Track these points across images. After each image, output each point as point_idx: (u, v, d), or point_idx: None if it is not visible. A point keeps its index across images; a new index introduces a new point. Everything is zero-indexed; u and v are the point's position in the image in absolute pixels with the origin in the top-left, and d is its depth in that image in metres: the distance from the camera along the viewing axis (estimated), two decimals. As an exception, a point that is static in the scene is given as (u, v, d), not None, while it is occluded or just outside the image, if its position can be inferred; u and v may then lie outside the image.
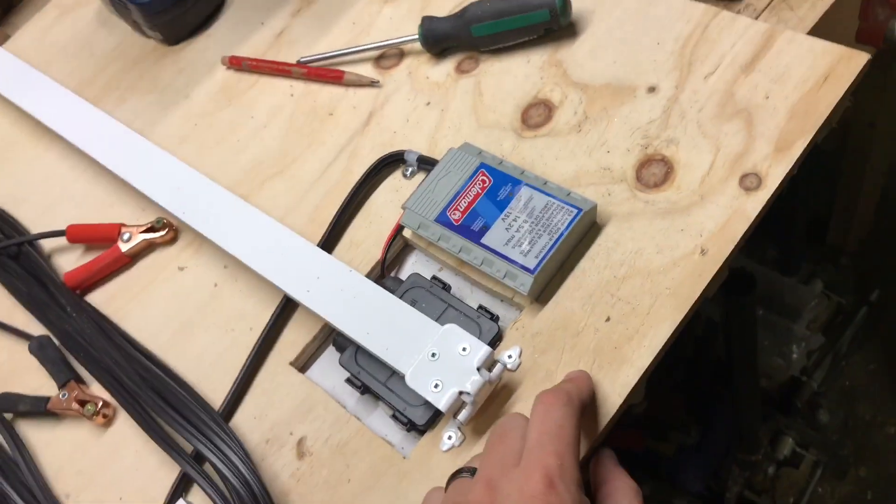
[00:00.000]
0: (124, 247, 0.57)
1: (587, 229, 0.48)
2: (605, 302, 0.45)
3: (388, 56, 0.60)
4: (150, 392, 0.49)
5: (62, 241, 0.59)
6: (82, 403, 0.51)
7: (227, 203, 0.54)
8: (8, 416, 0.54)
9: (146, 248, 0.57)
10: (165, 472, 0.48)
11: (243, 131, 0.61)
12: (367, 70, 0.60)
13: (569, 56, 0.55)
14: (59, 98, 0.65)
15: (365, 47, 0.60)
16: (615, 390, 0.43)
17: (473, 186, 0.49)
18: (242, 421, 0.49)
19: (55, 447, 0.52)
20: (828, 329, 1.11)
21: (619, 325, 0.44)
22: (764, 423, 1.02)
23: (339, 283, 0.49)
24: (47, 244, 0.61)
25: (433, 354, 0.44)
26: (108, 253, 0.57)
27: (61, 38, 0.73)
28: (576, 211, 0.46)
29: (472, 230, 0.48)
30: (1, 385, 0.55)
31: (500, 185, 0.49)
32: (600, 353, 0.44)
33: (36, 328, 0.57)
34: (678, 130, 0.50)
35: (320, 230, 0.53)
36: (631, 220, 0.47)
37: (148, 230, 0.57)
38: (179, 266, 0.56)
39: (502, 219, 0.48)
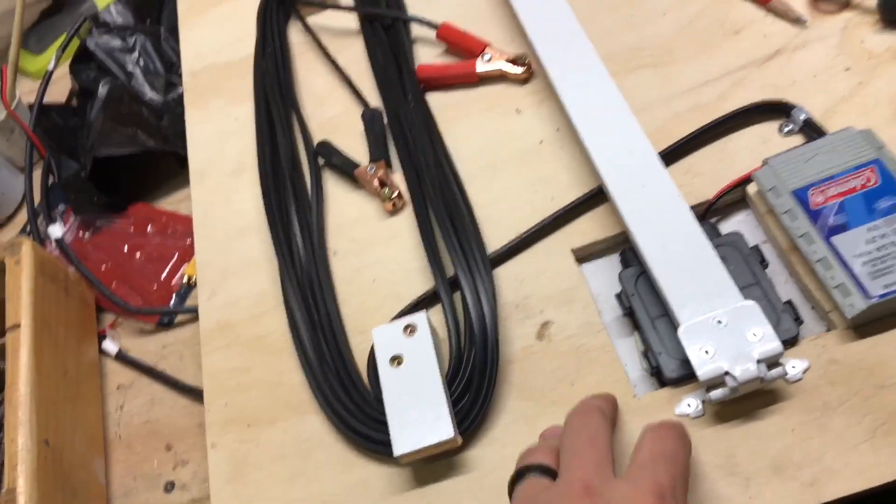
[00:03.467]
0: (481, 66, 0.57)
1: (959, 289, 0.40)
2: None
3: (832, 0, 0.53)
4: (441, 207, 0.51)
5: (430, 33, 0.61)
6: (382, 184, 0.54)
7: (593, 70, 0.52)
8: (321, 159, 0.58)
9: (498, 77, 0.58)
10: (421, 280, 0.50)
11: (640, 9, 0.57)
12: (799, 5, 0.53)
13: None
14: None
15: (812, -21, 0.53)
16: (890, 466, 0.37)
17: (854, 178, 0.43)
18: (503, 276, 0.49)
19: (343, 207, 0.56)
20: None
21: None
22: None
23: (660, 202, 0.46)
24: (416, 30, 0.63)
25: (719, 321, 0.40)
26: (465, 64, 0.58)
27: None
28: (961, 264, 0.39)
29: (827, 222, 0.42)
30: (325, 132, 0.60)
31: (886, 192, 0.42)
32: (894, 418, 0.38)
33: (374, 99, 0.60)
34: None
35: (667, 140, 0.50)
36: None
37: (508, 60, 0.57)
38: (518, 108, 0.56)
39: (868, 228, 0.41)
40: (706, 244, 0.43)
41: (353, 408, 0.47)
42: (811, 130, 0.47)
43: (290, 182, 0.56)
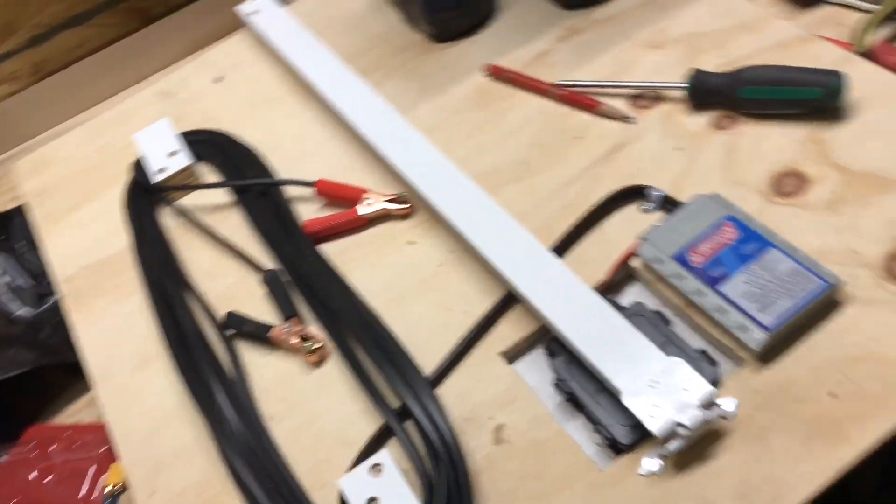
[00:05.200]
0: (363, 210, 0.61)
1: (828, 305, 0.48)
2: (832, 378, 0.45)
3: (645, 97, 0.63)
4: (368, 342, 0.53)
5: (307, 191, 0.64)
6: (304, 339, 0.55)
7: (469, 191, 0.58)
8: (229, 332, 0.59)
9: (382, 217, 0.62)
10: (365, 421, 0.51)
11: (491, 135, 0.65)
12: (621, 106, 0.63)
13: (832, 137, 0.56)
14: (327, 63, 0.71)
15: (626, 84, 0.63)
16: (828, 465, 0.43)
17: (719, 235, 0.51)
18: (445, 395, 0.51)
19: (266, 371, 0.56)
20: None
21: (844, 403, 0.44)
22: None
23: (566, 291, 0.51)
24: (290, 191, 0.66)
25: (654, 382, 0.45)
26: (349, 212, 0.62)
27: (338, 13, 0.80)
28: (823, 284, 0.47)
29: (710, 276, 0.49)
30: (225, 306, 0.60)
31: (747, 241, 0.50)
32: (818, 424, 0.44)
33: (267, 262, 0.62)
34: (938, 234, 0.49)
35: (549, 239, 0.56)
36: (873, 308, 0.47)
37: (389, 200, 0.62)
38: (409, 241, 0.60)
39: (744, 272, 0.49)
40: (619, 318, 0.48)
41: (335, 565, 0.46)
42: (668, 204, 0.55)
43: (206, 361, 0.56)
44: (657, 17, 0.68)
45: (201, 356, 0.56)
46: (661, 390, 0.45)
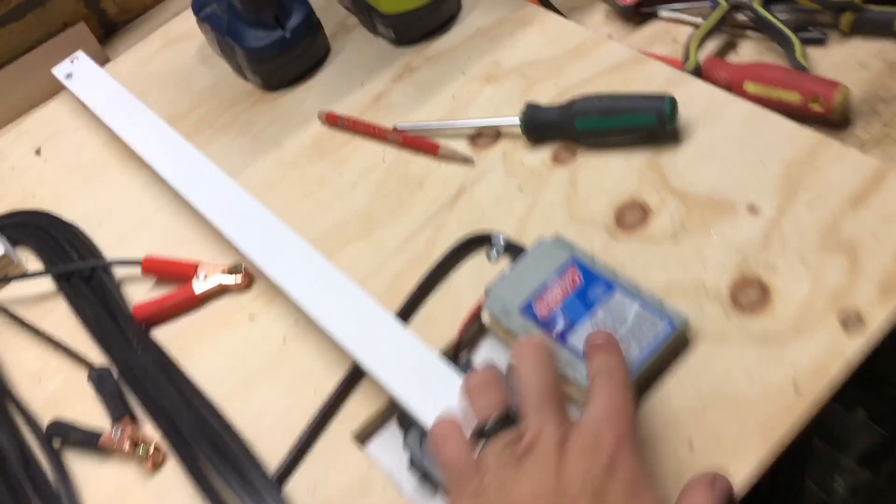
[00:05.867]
0: (198, 287, 0.57)
1: (679, 344, 0.46)
2: (689, 428, 0.44)
3: (485, 135, 0.60)
4: (205, 443, 0.48)
5: (136, 269, 0.59)
6: (134, 444, 0.50)
7: (308, 258, 0.54)
8: (56, 441, 0.53)
9: (219, 292, 0.57)
10: (210, 530, 0.47)
11: (331, 189, 0.61)
12: (461, 146, 0.60)
13: (670, 162, 0.55)
14: (152, 127, 0.66)
15: (463, 124, 0.61)
16: None
17: (563, 281, 0.49)
18: (295, 490, 0.47)
19: (99, 484, 0.51)
20: (870, 461, 1.07)
21: (701, 455, 0.42)
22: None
23: (411, 360, 0.48)
24: (120, 271, 0.61)
25: (506, 453, 0.42)
26: (181, 291, 0.57)
27: (162, 68, 0.75)
28: (669, 328, 0.45)
29: (556, 328, 0.47)
30: (52, 409, 0.55)
31: (590, 285, 0.48)
32: (679, 481, 0.42)
33: (96, 356, 0.56)
34: (777, 256, 0.48)
35: (397, 300, 0.53)
36: (723, 343, 0.46)
37: (224, 272, 0.57)
38: (250, 314, 0.56)
39: (591, 321, 0.47)
40: (468, 385, 0.45)
41: None
42: (513, 250, 0.53)
43: (29, 481, 0.50)
44: (489, 48, 0.66)
45: (22, 478, 0.50)
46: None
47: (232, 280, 0.57)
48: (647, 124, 0.54)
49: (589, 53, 0.63)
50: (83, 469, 0.51)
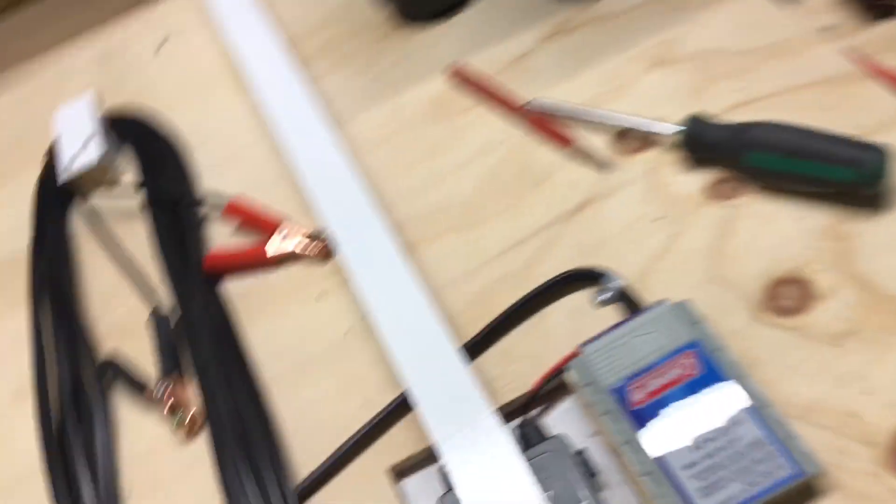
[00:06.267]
0: (274, 247, 0.51)
1: (801, 492, 0.36)
2: None
3: (633, 137, 0.49)
4: (232, 436, 0.44)
5: (221, 208, 0.54)
6: (174, 408, 0.47)
7: (385, 250, 0.47)
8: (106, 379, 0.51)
9: (295, 257, 0.52)
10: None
11: (441, 163, 0.53)
12: (601, 144, 0.50)
13: (860, 234, 0.42)
14: (265, 45, 0.59)
15: (610, 116, 0.49)
16: None
17: (674, 367, 0.39)
18: (316, 511, 0.43)
19: (137, 436, 0.48)
20: None
21: None
22: None
23: (466, 413, 0.40)
24: (205, 207, 0.56)
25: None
26: (257, 248, 0.52)
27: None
28: (792, 472, 0.35)
29: (646, 424, 0.38)
30: (114, 338, 0.52)
31: (708, 383, 0.38)
32: None
33: (164, 293, 0.53)
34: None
35: (478, 318, 0.45)
36: (861, 505, 0.35)
37: (304, 237, 0.51)
38: (321, 291, 0.50)
39: (691, 430, 0.37)
40: (519, 466, 0.38)
41: None
42: (627, 303, 0.43)
43: (74, 411, 0.49)
44: (668, 22, 0.53)
45: (68, 406, 0.49)
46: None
47: (310, 248, 0.51)
48: (839, 178, 0.41)
49: (792, 55, 0.49)
50: (127, 415, 0.49)
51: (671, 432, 0.37)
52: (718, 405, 0.37)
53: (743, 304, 0.42)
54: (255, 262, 0.52)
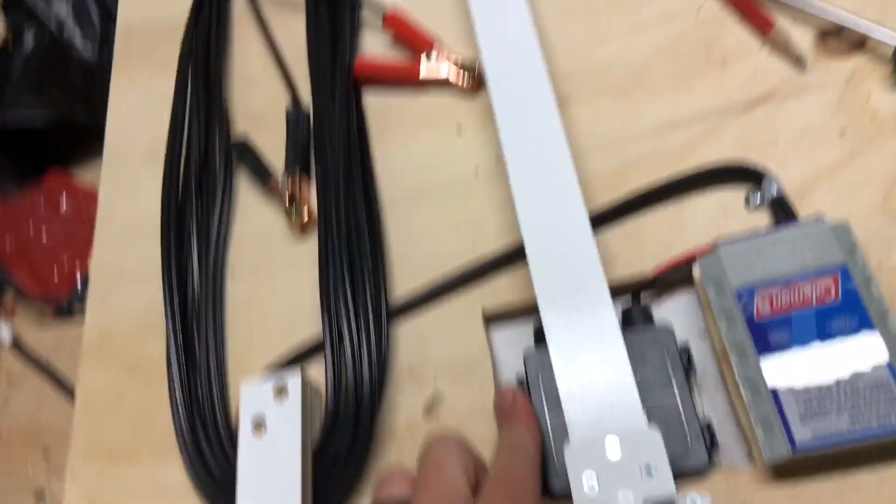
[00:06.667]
0: (424, 68, 0.50)
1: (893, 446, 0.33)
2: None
3: (843, 38, 0.43)
4: (342, 239, 0.45)
5: (379, 17, 0.53)
6: (292, 199, 0.48)
7: (539, 96, 0.44)
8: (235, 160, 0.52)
9: (443, 83, 0.50)
10: (315, 321, 0.44)
11: (617, 20, 0.49)
12: (804, 38, 0.44)
13: None
14: None
15: (824, 9, 0.44)
16: None
17: (812, 287, 0.35)
18: (403, 332, 0.43)
19: (254, 218, 0.49)
20: None
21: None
22: None
23: (577, 278, 0.38)
24: (365, 13, 0.55)
25: (613, 447, 0.34)
26: (407, 65, 0.50)
27: None
28: (910, 424, 0.32)
29: (767, 339, 0.35)
30: (250, 123, 0.53)
31: (843, 310, 0.35)
32: None
33: (306, 90, 0.53)
34: None
35: (617, 190, 0.42)
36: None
37: (454, 64, 0.49)
38: (460, 124, 0.48)
39: (813, 355, 0.34)
40: (622, 353, 0.36)
41: (217, 460, 0.42)
42: (780, 211, 0.39)
43: (198, 180, 0.50)
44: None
45: (194, 174, 0.50)
46: (614, 461, 0.33)
47: (461, 78, 0.49)
48: None
49: None
50: (245, 199, 0.50)
51: (788, 352, 0.34)
52: (849, 338, 0.34)
53: (910, 246, 0.37)
54: (404, 78, 0.50)
